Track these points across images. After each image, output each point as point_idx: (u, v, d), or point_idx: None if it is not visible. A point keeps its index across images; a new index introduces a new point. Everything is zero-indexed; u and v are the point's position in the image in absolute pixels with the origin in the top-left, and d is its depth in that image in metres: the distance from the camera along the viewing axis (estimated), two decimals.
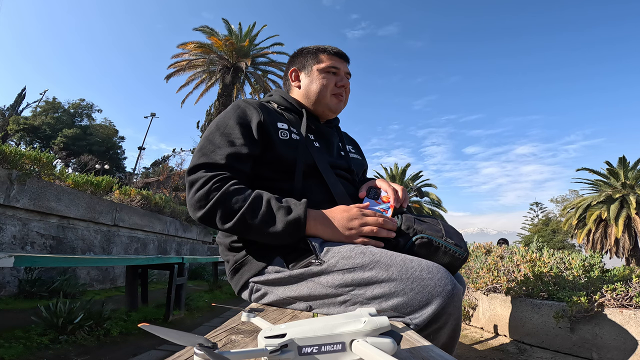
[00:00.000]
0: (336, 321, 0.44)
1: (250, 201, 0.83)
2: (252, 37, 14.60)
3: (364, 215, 0.87)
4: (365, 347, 0.41)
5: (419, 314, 0.74)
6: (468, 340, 2.43)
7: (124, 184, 8.38)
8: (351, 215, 0.87)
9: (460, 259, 0.91)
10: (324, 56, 1.11)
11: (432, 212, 20.25)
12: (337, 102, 1.11)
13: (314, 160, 0.99)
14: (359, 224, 0.86)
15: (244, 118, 0.96)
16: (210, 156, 0.88)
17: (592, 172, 17.65)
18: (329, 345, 0.43)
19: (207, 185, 0.83)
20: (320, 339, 0.42)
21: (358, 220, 0.86)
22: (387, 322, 0.44)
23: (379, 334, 0.43)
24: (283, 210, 0.82)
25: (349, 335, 0.43)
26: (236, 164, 0.89)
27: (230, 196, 0.82)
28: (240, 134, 0.92)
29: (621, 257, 16.21)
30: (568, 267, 2.32)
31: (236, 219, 0.81)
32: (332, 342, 0.43)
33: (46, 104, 26.21)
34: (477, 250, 3.75)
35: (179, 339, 0.40)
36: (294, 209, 0.83)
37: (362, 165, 1.24)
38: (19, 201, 3.30)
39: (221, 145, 0.90)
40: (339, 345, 0.43)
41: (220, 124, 0.95)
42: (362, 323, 0.43)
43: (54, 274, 3.63)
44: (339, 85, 1.10)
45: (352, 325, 0.44)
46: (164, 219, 6.45)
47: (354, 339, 0.43)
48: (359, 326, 0.43)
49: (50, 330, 2.11)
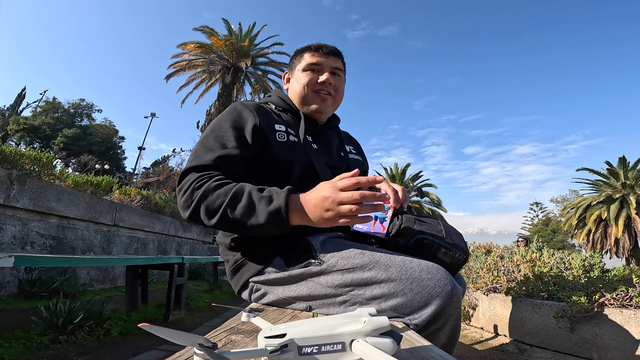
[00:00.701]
0: (336, 321, 0.44)
1: (231, 195, 0.79)
2: (252, 37, 14.59)
3: (339, 191, 0.73)
4: (365, 347, 0.41)
5: (419, 314, 0.73)
6: (468, 340, 2.43)
7: (124, 184, 8.38)
8: (325, 195, 0.74)
9: (460, 260, 0.90)
10: (307, 54, 1.08)
11: (432, 212, 20.24)
12: (321, 100, 1.06)
13: (312, 162, 0.98)
14: (334, 202, 0.73)
15: (239, 121, 0.95)
16: (201, 158, 0.88)
17: (592, 172, 17.65)
18: (329, 345, 0.43)
19: (192, 184, 0.83)
20: (320, 339, 0.42)
21: (332, 199, 0.73)
22: (387, 322, 0.44)
23: (379, 334, 0.43)
24: (264, 201, 0.77)
25: (349, 335, 0.43)
26: (226, 165, 0.88)
27: (212, 192, 0.80)
28: (234, 137, 0.91)
29: (621, 257, 16.20)
30: (568, 267, 2.32)
31: (219, 215, 0.79)
32: (332, 342, 0.43)
33: (46, 104, 26.20)
34: (477, 250, 3.75)
35: (179, 339, 0.40)
36: (275, 198, 0.77)
37: (362, 165, 1.22)
38: (19, 201, 3.30)
39: (213, 148, 0.89)
40: (339, 345, 0.43)
41: (214, 127, 0.95)
42: (362, 323, 0.43)
43: (54, 274, 3.63)
44: (320, 81, 1.05)
45: (352, 325, 0.44)
46: (164, 219, 6.45)
47: (354, 339, 0.43)
48: (359, 326, 0.43)
49: (50, 330, 2.11)
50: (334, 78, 1.07)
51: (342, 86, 1.11)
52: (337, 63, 1.08)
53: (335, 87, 1.07)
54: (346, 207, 0.72)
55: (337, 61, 1.09)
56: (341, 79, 1.10)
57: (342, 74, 1.11)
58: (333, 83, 1.06)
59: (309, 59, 1.06)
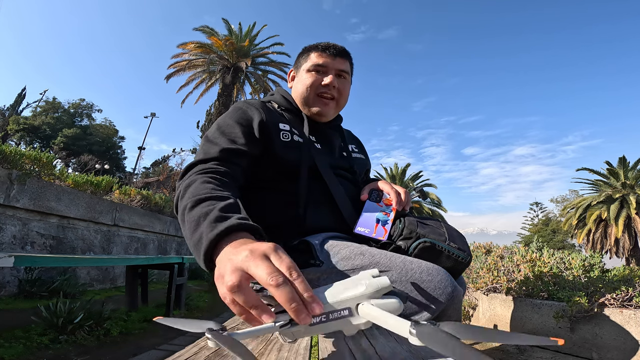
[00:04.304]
0: (339, 287, 0.46)
1: (198, 199, 0.66)
2: (252, 37, 14.58)
3: (264, 259, 0.46)
4: (371, 309, 0.42)
5: (419, 316, 0.73)
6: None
7: (124, 184, 8.37)
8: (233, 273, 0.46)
9: (463, 263, 0.89)
10: (314, 54, 1.04)
11: (432, 212, 20.24)
12: (323, 103, 1.02)
13: (315, 163, 0.97)
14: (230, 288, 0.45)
15: (245, 118, 0.95)
16: (206, 153, 0.87)
17: (592, 172, 17.65)
18: (336, 312, 0.44)
19: (185, 179, 0.79)
20: (327, 307, 0.43)
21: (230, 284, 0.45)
22: (388, 281, 0.45)
23: (382, 295, 0.45)
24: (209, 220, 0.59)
25: (353, 300, 0.44)
26: (230, 157, 0.86)
27: (191, 185, 0.73)
28: (241, 132, 0.91)
29: (621, 257, 16.20)
30: (568, 267, 2.32)
31: (179, 212, 0.71)
32: (338, 308, 0.44)
33: (46, 104, 26.21)
34: (477, 250, 3.75)
35: (190, 327, 0.42)
36: (215, 226, 0.57)
37: (364, 164, 1.20)
38: (19, 201, 3.30)
39: (220, 142, 0.89)
40: (346, 311, 0.44)
41: (220, 123, 0.95)
42: (364, 286, 0.44)
43: (54, 274, 3.63)
44: (324, 84, 1.01)
45: (354, 290, 0.44)
46: (164, 218, 6.45)
47: (359, 303, 0.44)
48: (361, 289, 0.44)
49: (50, 330, 2.11)
50: (338, 81, 1.04)
51: (346, 89, 1.08)
52: (343, 65, 1.05)
53: (339, 90, 1.04)
54: (233, 277, 0.45)
55: (344, 63, 1.06)
56: (346, 82, 1.07)
57: (348, 76, 1.08)
58: (337, 86, 1.03)
59: (315, 60, 1.03)
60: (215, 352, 0.51)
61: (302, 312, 0.41)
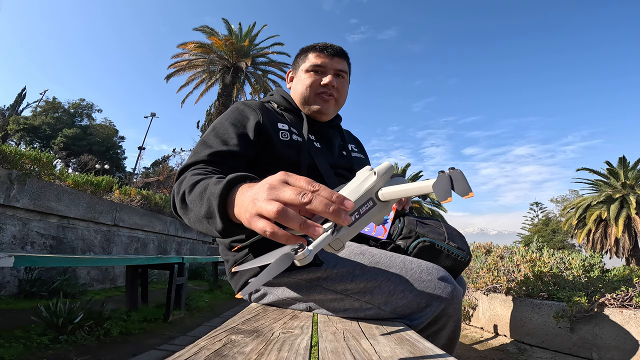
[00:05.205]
0: (353, 186, 0.50)
1: (193, 182, 0.69)
2: (252, 37, 14.59)
3: (284, 184, 0.48)
4: (389, 189, 0.49)
5: (419, 315, 0.73)
6: (468, 340, 2.43)
7: (124, 184, 8.38)
8: (267, 182, 0.50)
9: (462, 263, 0.90)
10: (312, 54, 1.06)
11: (432, 212, 20.25)
12: (323, 102, 1.04)
13: (314, 162, 0.97)
14: (268, 192, 0.47)
15: (241, 119, 0.95)
16: (199, 155, 0.86)
17: (592, 172, 17.65)
18: (364, 206, 0.49)
19: (180, 180, 0.79)
20: (356, 204, 0.48)
21: (269, 186, 0.48)
22: (389, 164, 0.51)
23: (390, 177, 0.50)
24: (212, 184, 0.63)
25: (371, 191, 0.49)
26: (222, 160, 0.86)
27: (184, 180, 0.74)
28: (235, 134, 0.90)
29: (621, 257, 16.20)
30: (568, 267, 2.32)
31: (179, 206, 0.72)
32: (364, 202, 0.49)
33: (46, 104, 26.21)
34: (477, 250, 3.75)
35: (267, 259, 0.48)
36: (219, 181, 0.60)
37: (364, 164, 1.20)
38: (19, 201, 3.30)
39: (213, 144, 0.88)
40: (370, 202, 0.49)
41: (216, 125, 0.95)
42: (374, 175, 0.50)
43: (54, 274, 3.63)
44: (323, 84, 1.03)
45: (368, 181, 0.50)
46: (164, 218, 6.45)
47: (377, 191, 0.50)
48: (373, 178, 0.50)
49: (50, 330, 2.11)
50: (337, 80, 1.05)
51: (345, 88, 1.09)
52: (341, 65, 1.07)
53: (338, 90, 1.06)
54: (272, 206, 0.45)
55: (342, 62, 1.07)
56: (345, 81, 1.09)
57: (347, 75, 1.09)
58: (336, 85, 1.05)
59: (313, 60, 1.05)
60: (215, 352, 0.51)
61: (340, 212, 0.43)
